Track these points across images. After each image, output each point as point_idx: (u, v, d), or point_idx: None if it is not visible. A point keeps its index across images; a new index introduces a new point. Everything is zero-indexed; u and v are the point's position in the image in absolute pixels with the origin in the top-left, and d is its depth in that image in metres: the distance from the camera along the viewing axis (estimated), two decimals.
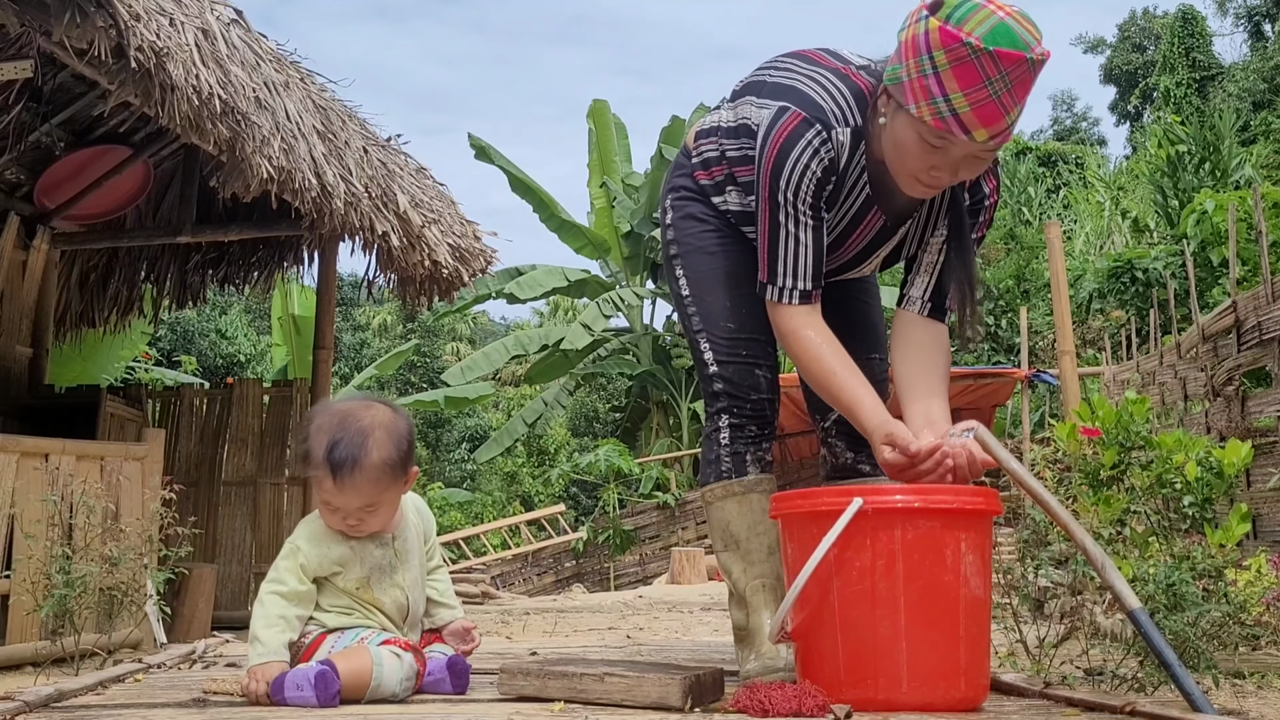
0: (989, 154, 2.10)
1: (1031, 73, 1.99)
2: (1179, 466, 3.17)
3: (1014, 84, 1.98)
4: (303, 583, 2.15)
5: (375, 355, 26.88)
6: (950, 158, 2.09)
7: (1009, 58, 1.95)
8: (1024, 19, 2.00)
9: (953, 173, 2.13)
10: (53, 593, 3.30)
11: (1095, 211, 21.31)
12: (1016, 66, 1.96)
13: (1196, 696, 1.89)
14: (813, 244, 2.23)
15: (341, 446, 2.11)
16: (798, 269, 2.24)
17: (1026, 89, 2.00)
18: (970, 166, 2.13)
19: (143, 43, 4.33)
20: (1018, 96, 2.00)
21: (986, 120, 2.01)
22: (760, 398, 2.50)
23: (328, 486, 2.13)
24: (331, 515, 2.18)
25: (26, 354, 6.79)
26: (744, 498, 2.44)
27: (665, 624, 6.21)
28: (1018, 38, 1.96)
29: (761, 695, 1.86)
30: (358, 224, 5.75)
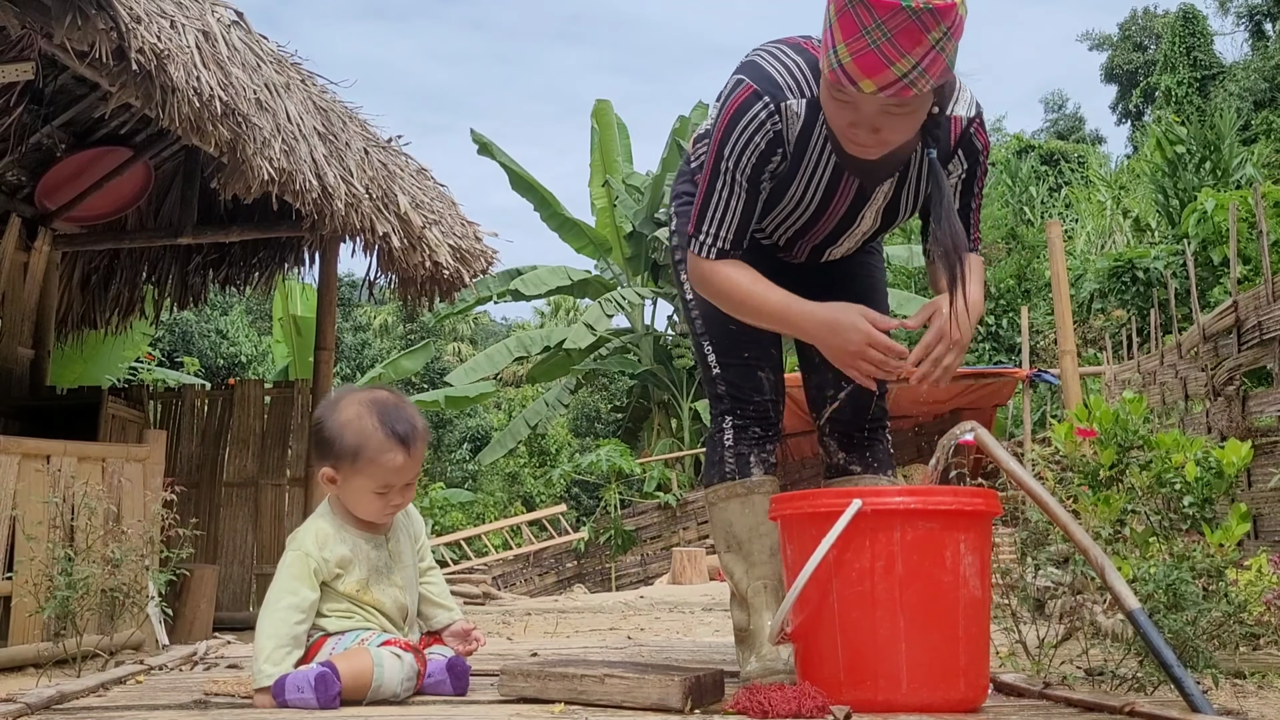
0: (902, 110, 2.04)
1: (915, 22, 1.91)
2: (1178, 466, 3.18)
3: (894, 33, 1.92)
4: (315, 590, 2.14)
5: (377, 356, 26.90)
6: (861, 113, 2.06)
7: (882, 6, 1.91)
8: None
9: (870, 129, 2.09)
10: (54, 594, 3.30)
11: (1096, 211, 21.30)
12: (892, 15, 1.91)
13: (1196, 697, 1.89)
14: (741, 212, 2.28)
15: (399, 422, 2.15)
16: (720, 229, 2.29)
17: (914, 39, 1.92)
18: (891, 124, 2.07)
19: (144, 45, 4.34)
20: (902, 47, 1.93)
21: (868, 70, 1.97)
22: (763, 399, 2.51)
23: (398, 463, 2.14)
24: (378, 500, 2.17)
25: (28, 355, 6.80)
26: (747, 499, 2.45)
27: (666, 624, 6.21)
28: None
29: (761, 696, 1.86)
30: (358, 225, 5.76)
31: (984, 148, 2.28)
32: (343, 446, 2.14)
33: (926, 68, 1.96)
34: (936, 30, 1.93)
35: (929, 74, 1.97)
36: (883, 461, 2.45)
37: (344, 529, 2.21)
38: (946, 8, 1.91)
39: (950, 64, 2.01)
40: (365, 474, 2.15)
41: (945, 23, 1.93)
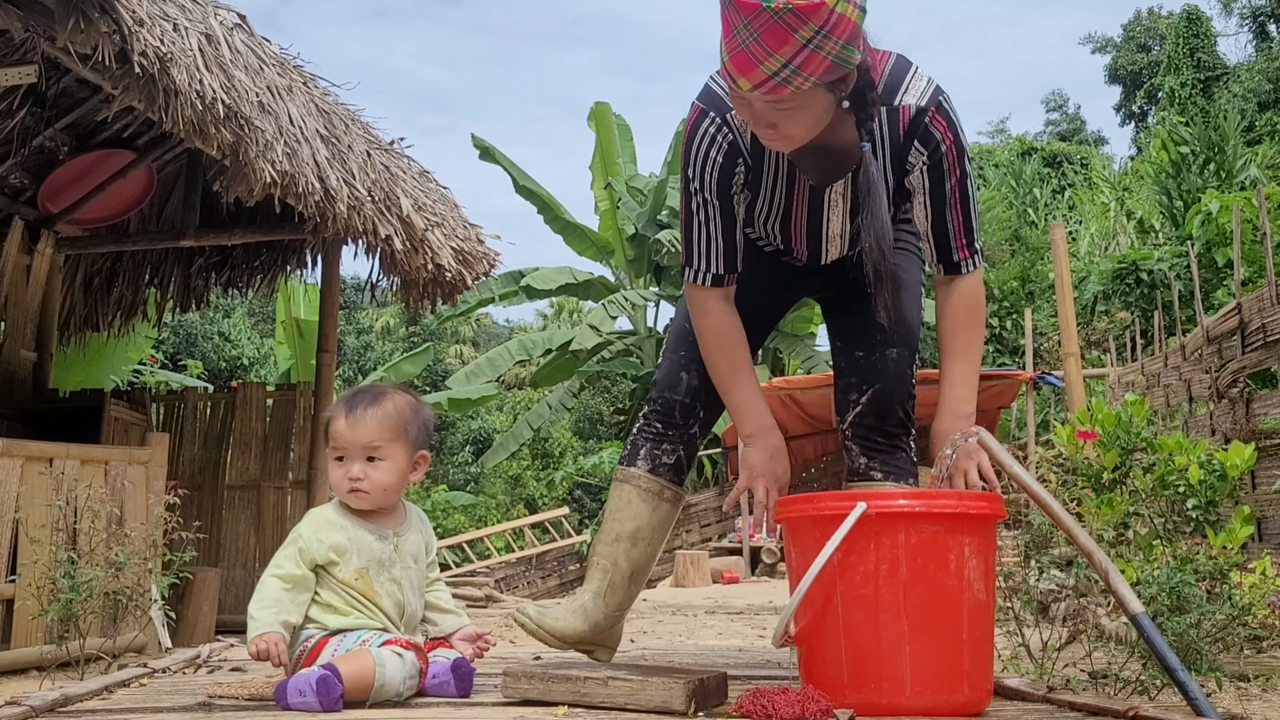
0: (788, 105, 2.07)
1: (778, 22, 1.94)
2: (1182, 469, 3.17)
3: (760, 33, 1.96)
4: (300, 567, 2.18)
5: (379, 358, 26.90)
6: (754, 110, 2.11)
7: (746, 6, 1.96)
8: None
9: (766, 124, 2.12)
10: (58, 597, 3.30)
11: (1100, 212, 21.29)
12: (756, 16, 1.95)
13: (1199, 701, 1.89)
14: (722, 229, 2.33)
15: (362, 392, 2.29)
16: (710, 253, 2.34)
17: (780, 38, 1.96)
18: (784, 118, 2.10)
19: (146, 48, 4.34)
20: (769, 46, 1.97)
21: (741, 68, 2.02)
22: (672, 398, 2.57)
23: (339, 427, 2.23)
24: (337, 469, 2.24)
25: (31, 358, 6.80)
26: (620, 484, 2.56)
27: (669, 627, 6.21)
28: None
29: (765, 700, 1.86)
30: (361, 228, 5.76)
31: (946, 138, 2.22)
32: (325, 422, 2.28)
33: (800, 65, 1.99)
34: (804, 29, 1.96)
35: (804, 71, 2.00)
36: (904, 469, 2.44)
37: (345, 517, 2.25)
38: (812, 7, 1.94)
39: (840, 60, 2.02)
40: (329, 445, 2.26)
41: (814, 21, 1.95)
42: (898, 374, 2.43)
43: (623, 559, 2.56)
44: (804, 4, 1.94)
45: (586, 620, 2.53)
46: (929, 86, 2.23)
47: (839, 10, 1.96)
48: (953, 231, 2.28)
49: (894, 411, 2.43)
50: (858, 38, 2.05)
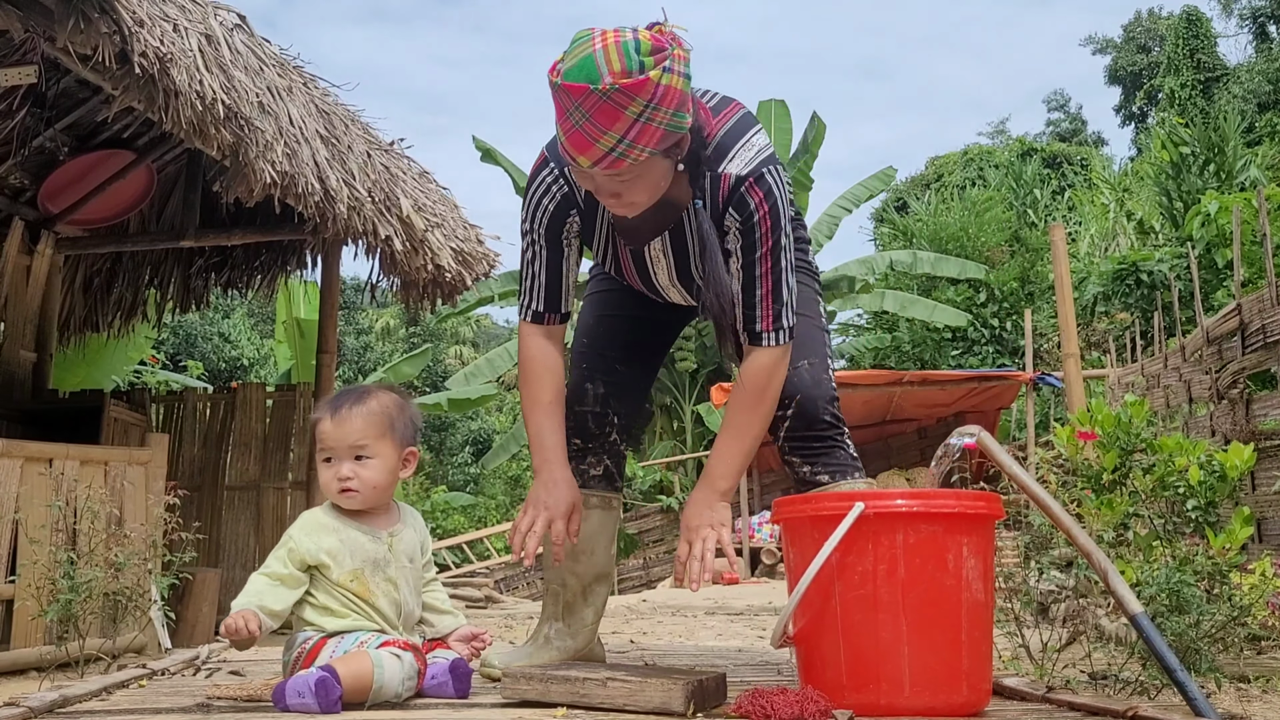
0: (628, 176, 2.12)
1: (608, 102, 2.00)
2: (1181, 470, 3.17)
3: (591, 114, 2.02)
4: (286, 566, 2.18)
5: (379, 359, 26.89)
6: (595, 182, 2.17)
7: (576, 90, 2.02)
8: (620, 50, 2.02)
9: (610, 194, 2.18)
10: (57, 597, 3.30)
11: (1100, 213, 21.30)
12: (585, 98, 2.01)
13: (1199, 701, 1.89)
14: (547, 271, 2.43)
15: (346, 393, 2.29)
16: (533, 291, 2.44)
17: (612, 117, 2.02)
18: (627, 188, 2.16)
19: (146, 48, 4.34)
20: (601, 125, 2.03)
21: (579, 148, 2.08)
22: (582, 410, 2.61)
23: (325, 428, 2.24)
24: (326, 470, 2.25)
25: (30, 359, 6.80)
26: None
27: (669, 628, 6.21)
28: (593, 70, 2.01)
29: (764, 700, 1.86)
30: (361, 228, 5.76)
31: (760, 209, 2.23)
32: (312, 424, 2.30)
33: (634, 139, 2.05)
34: (634, 105, 2.02)
35: (639, 144, 2.06)
36: (846, 465, 2.47)
37: (337, 519, 2.26)
38: (638, 84, 2.01)
39: (672, 127, 2.09)
40: (317, 447, 2.26)
41: (642, 97, 2.02)
42: (814, 381, 2.45)
43: (570, 577, 2.61)
44: (629, 82, 2.00)
45: (553, 648, 2.57)
46: (756, 156, 2.25)
47: (664, 83, 2.03)
48: (759, 301, 2.29)
49: (820, 415, 2.45)
50: (686, 103, 2.11)
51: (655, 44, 2.05)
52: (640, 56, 2.02)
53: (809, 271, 2.60)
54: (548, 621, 2.63)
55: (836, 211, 18.71)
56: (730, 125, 2.29)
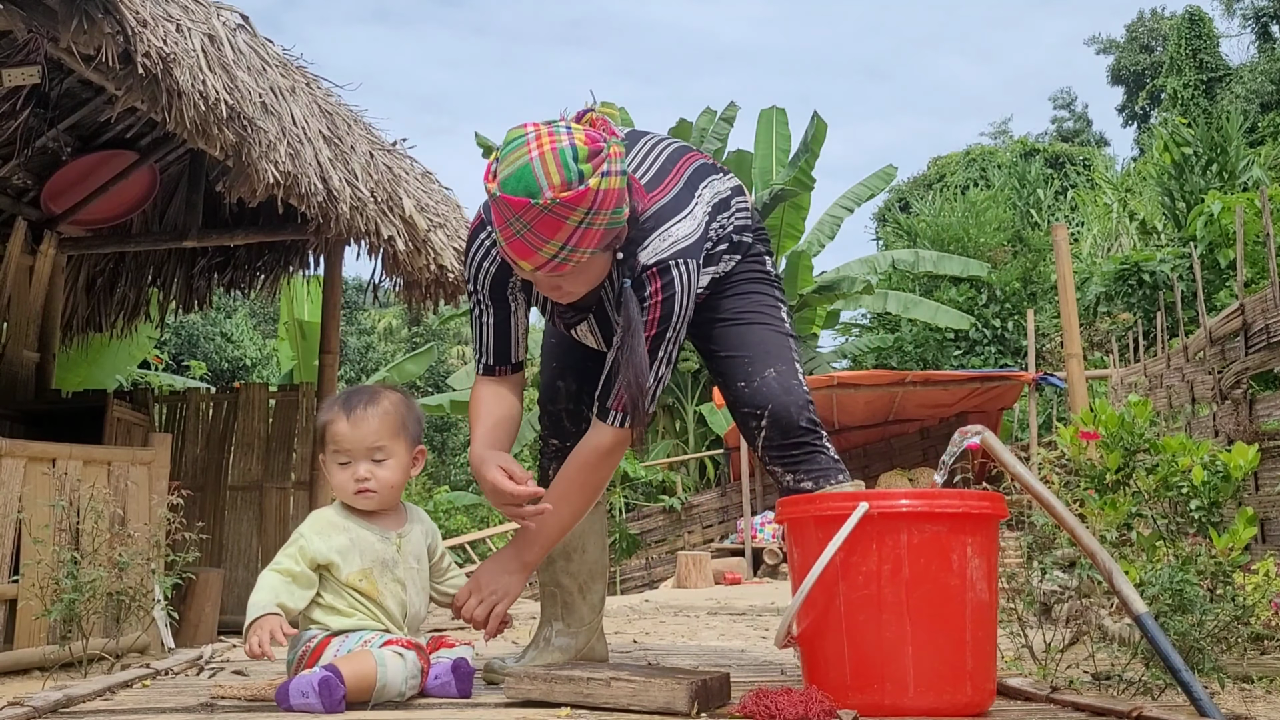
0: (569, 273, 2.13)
1: (549, 215, 2.01)
2: (1185, 470, 3.16)
3: (533, 225, 2.03)
4: (298, 564, 2.18)
5: (381, 359, 26.90)
6: (536, 279, 2.18)
7: (515, 204, 2.02)
8: (558, 159, 2.01)
9: (549, 288, 2.20)
10: (61, 597, 3.31)
11: (1103, 214, 21.29)
12: (525, 211, 2.01)
13: (1204, 701, 1.88)
14: (494, 328, 2.42)
15: (356, 394, 2.30)
16: (483, 346, 2.44)
17: (553, 227, 2.03)
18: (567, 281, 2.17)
19: (149, 48, 4.34)
20: (543, 235, 2.04)
21: (521, 255, 2.09)
22: (556, 409, 2.62)
23: (341, 430, 2.23)
24: (342, 473, 2.24)
25: (33, 359, 6.80)
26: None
27: (672, 628, 6.21)
28: (533, 182, 2.00)
29: (768, 700, 1.86)
30: (363, 228, 5.76)
31: (654, 297, 2.22)
32: (319, 432, 2.28)
33: (576, 244, 2.07)
34: (575, 215, 2.03)
35: (581, 247, 2.08)
36: (827, 470, 2.43)
37: (348, 518, 2.26)
38: (578, 196, 2.02)
39: (612, 225, 2.10)
40: (329, 449, 2.25)
41: (583, 206, 2.03)
42: (784, 388, 2.42)
43: (564, 578, 2.60)
44: (570, 195, 2.01)
45: (554, 649, 2.58)
46: (668, 249, 2.23)
47: (603, 187, 2.04)
48: (618, 381, 2.26)
49: (795, 422, 2.41)
50: (624, 198, 2.12)
51: (592, 147, 2.04)
52: (579, 165, 2.02)
53: (768, 280, 2.57)
54: (548, 623, 2.63)
55: (838, 211, 18.72)
56: (658, 207, 2.28)
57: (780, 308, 2.55)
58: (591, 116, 2.13)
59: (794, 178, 16.98)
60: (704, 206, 2.36)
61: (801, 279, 17.19)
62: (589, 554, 2.63)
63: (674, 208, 2.29)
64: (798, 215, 17.46)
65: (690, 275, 2.24)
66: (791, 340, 2.51)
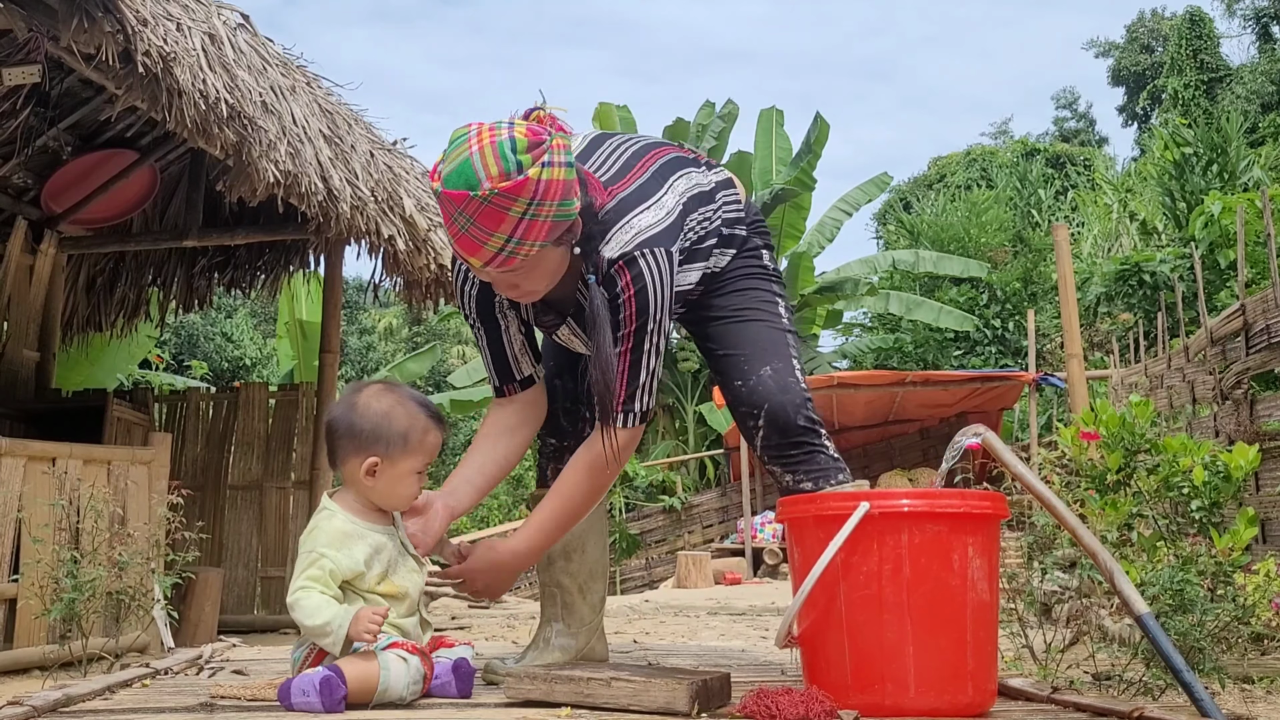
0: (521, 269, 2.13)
1: (490, 206, 2.02)
2: (1186, 470, 3.16)
3: (475, 218, 2.04)
4: (329, 588, 2.10)
5: (381, 359, 26.90)
6: (491, 277, 2.18)
7: (456, 198, 2.03)
8: (496, 151, 2.02)
9: (507, 287, 2.20)
10: (60, 596, 3.30)
11: (1103, 214, 21.28)
12: (466, 204, 2.03)
13: (1205, 702, 1.88)
14: (490, 348, 2.44)
15: (429, 405, 2.25)
16: (487, 368, 2.47)
17: (496, 219, 2.03)
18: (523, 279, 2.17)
19: (150, 47, 4.34)
20: (487, 228, 2.04)
21: (468, 250, 2.10)
22: (554, 408, 2.59)
23: (438, 440, 2.22)
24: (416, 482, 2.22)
25: (33, 358, 6.81)
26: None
27: (672, 628, 6.21)
28: (472, 175, 2.01)
29: (769, 701, 1.85)
30: (364, 228, 5.76)
31: (625, 291, 2.20)
32: (390, 434, 2.17)
33: (523, 236, 2.07)
34: (516, 206, 2.03)
35: (528, 240, 2.07)
36: (827, 470, 2.41)
37: (358, 523, 2.18)
38: (517, 185, 2.01)
39: (560, 217, 2.09)
40: (413, 456, 2.19)
41: (524, 196, 2.02)
42: (780, 387, 2.39)
43: (564, 577, 2.58)
44: (509, 185, 2.01)
45: (555, 650, 2.56)
46: (634, 239, 2.21)
47: (544, 178, 2.04)
48: (614, 381, 2.24)
49: (794, 421, 2.38)
50: (572, 190, 2.11)
51: (532, 139, 2.05)
52: (517, 156, 2.02)
53: (767, 275, 2.54)
54: (548, 624, 2.62)
55: (836, 214, 18.74)
56: (618, 201, 2.26)
57: (778, 303, 2.52)
58: (538, 114, 2.13)
59: (795, 178, 16.98)
60: (676, 196, 2.34)
61: (803, 279, 17.19)
62: (589, 554, 2.62)
63: (637, 198, 2.27)
64: (799, 215, 17.46)
65: (660, 263, 2.21)
66: (790, 336, 2.48)
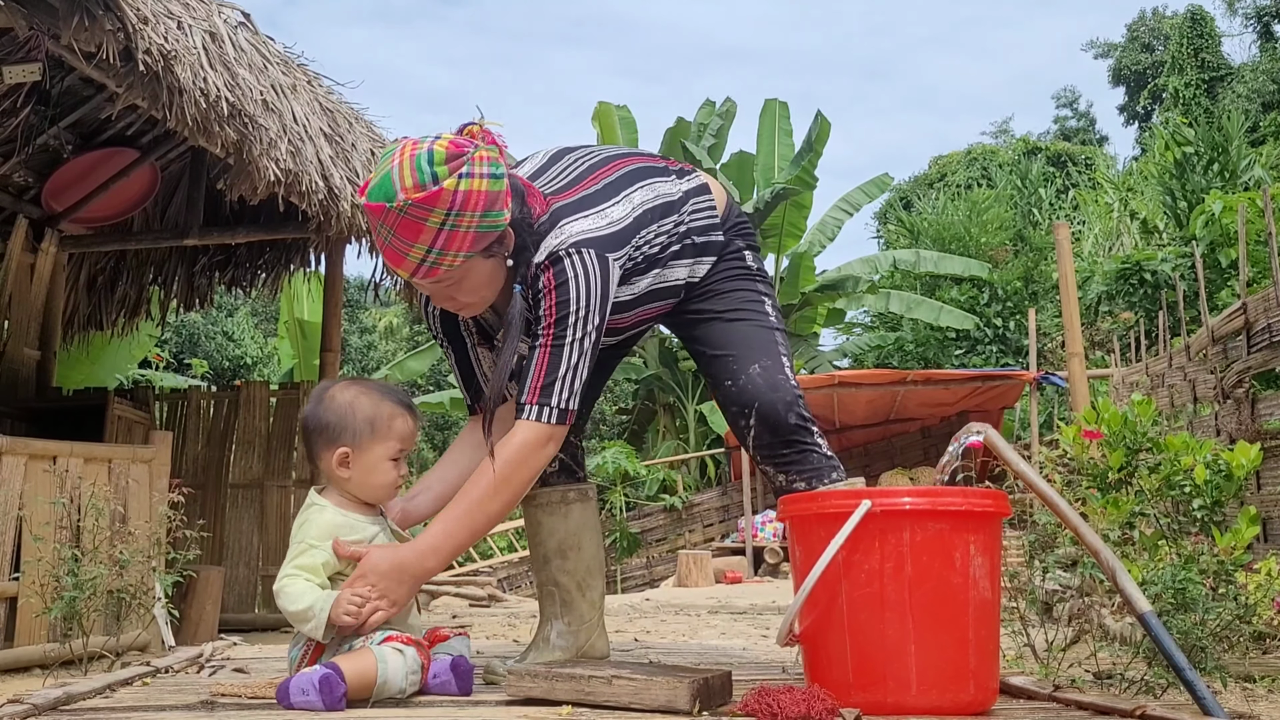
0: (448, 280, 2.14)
1: (405, 218, 2.04)
2: (1187, 469, 3.16)
3: (395, 230, 2.06)
4: (316, 576, 2.14)
5: (382, 358, 26.89)
6: (427, 291, 2.20)
7: (376, 210, 2.06)
8: (413, 164, 2.04)
9: (444, 299, 2.22)
10: (61, 595, 3.30)
11: (1104, 213, 21.28)
12: (384, 216, 2.05)
13: (1208, 700, 1.88)
14: (459, 367, 2.48)
15: (396, 392, 2.29)
16: (460, 387, 2.52)
17: (414, 230, 2.05)
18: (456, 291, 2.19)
19: (150, 46, 4.34)
20: (407, 239, 2.06)
21: (393, 262, 2.12)
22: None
23: (410, 426, 2.25)
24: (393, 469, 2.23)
25: (34, 356, 6.80)
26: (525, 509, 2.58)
27: (673, 627, 6.21)
28: (390, 187, 2.04)
29: (770, 699, 1.85)
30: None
31: (547, 289, 2.19)
32: (356, 423, 2.20)
33: (444, 247, 2.08)
34: (433, 216, 2.05)
35: (450, 250, 2.09)
36: (820, 468, 2.39)
37: (347, 515, 2.21)
38: (431, 196, 2.03)
39: (485, 229, 2.10)
40: (382, 442, 2.21)
41: (440, 207, 2.04)
42: (770, 385, 2.36)
43: (560, 575, 2.57)
44: (422, 196, 2.03)
45: (555, 648, 2.54)
46: (563, 242, 2.20)
47: (462, 188, 2.05)
48: (531, 376, 2.22)
49: (785, 419, 2.36)
50: (498, 201, 2.11)
51: (452, 151, 2.06)
52: (433, 168, 2.04)
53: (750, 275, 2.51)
54: (548, 622, 2.60)
55: (837, 214, 18.74)
56: (553, 210, 2.25)
57: (764, 301, 2.50)
58: (471, 129, 2.14)
59: (797, 176, 16.97)
60: (628, 207, 2.31)
61: (804, 278, 17.19)
62: (585, 551, 2.61)
63: (576, 207, 2.26)
64: (800, 214, 17.45)
65: (589, 264, 2.19)
66: (778, 334, 2.46)
